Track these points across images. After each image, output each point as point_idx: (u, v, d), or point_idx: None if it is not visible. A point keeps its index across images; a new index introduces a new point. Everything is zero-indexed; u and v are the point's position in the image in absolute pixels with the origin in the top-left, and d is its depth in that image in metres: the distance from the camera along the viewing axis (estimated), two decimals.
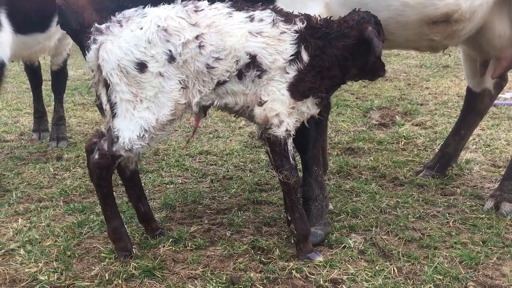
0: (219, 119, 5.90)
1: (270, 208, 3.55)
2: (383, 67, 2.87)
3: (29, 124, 5.77)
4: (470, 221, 3.26)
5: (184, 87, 2.60)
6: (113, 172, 2.77)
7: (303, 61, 2.63)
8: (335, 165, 4.30)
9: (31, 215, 3.45)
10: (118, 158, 2.69)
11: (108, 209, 2.80)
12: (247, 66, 2.60)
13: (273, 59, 2.59)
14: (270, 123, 2.66)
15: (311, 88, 2.68)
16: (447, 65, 8.51)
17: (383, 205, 3.48)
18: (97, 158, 2.67)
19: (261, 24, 2.59)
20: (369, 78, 2.96)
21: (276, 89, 2.62)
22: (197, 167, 4.39)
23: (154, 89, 2.56)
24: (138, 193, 3.06)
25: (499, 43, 3.31)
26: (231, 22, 2.57)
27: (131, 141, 2.61)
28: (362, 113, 5.96)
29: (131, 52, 2.54)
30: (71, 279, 2.66)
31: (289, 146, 2.70)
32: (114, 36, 2.57)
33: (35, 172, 4.32)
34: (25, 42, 4.48)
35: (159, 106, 2.58)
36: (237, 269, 2.73)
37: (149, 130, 2.60)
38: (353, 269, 2.68)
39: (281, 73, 2.62)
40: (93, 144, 2.73)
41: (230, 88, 2.65)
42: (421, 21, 2.99)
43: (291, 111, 2.67)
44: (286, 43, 2.60)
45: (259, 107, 2.66)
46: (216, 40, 2.55)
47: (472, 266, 2.73)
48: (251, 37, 2.57)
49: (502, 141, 4.77)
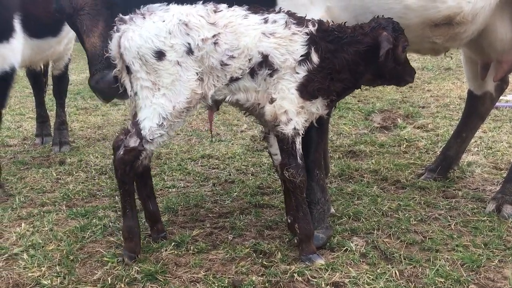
0: (221, 123, 5.92)
1: (272, 211, 3.56)
2: (410, 73, 2.92)
3: (32, 129, 5.80)
4: (472, 223, 3.26)
5: (200, 79, 2.72)
6: (136, 169, 2.83)
7: (313, 62, 2.73)
8: (337, 168, 4.31)
9: (34, 220, 3.46)
10: (142, 152, 2.77)
11: (127, 207, 2.84)
12: (259, 64, 2.71)
13: (284, 59, 2.70)
14: (279, 120, 2.75)
15: (320, 89, 2.76)
16: (449, 68, 8.52)
17: (384, 208, 3.48)
18: (121, 154, 2.77)
19: (274, 26, 2.72)
20: (394, 83, 3.02)
21: (286, 88, 2.72)
22: (199, 171, 4.40)
23: (171, 77, 2.68)
24: (148, 190, 3.10)
25: (500, 46, 3.32)
26: (246, 23, 2.71)
27: (151, 130, 2.72)
28: (364, 116, 5.97)
29: (151, 41, 2.66)
30: (74, 283, 2.67)
31: (297, 144, 2.77)
32: (137, 26, 2.71)
33: (38, 177, 4.34)
34: (39, 46, 4.51)
35: (176, 94, 2.70)
36: (239, 272, 2.73)
37: (167, 117, 2.71)
38: (354, 272, 2.69)
39: (291, 72, 2.72)
40: (119, 141, 2.82)
41: (242, 85, 2.77)
42: (423, 24, 3.00)
43: (300, 110, 2.75)
44: (297, 44, 2.71)
45: (269, 105, 2.76)
46: (231, 39, 2.68)
47: (473, 269, 2.73)
48: (264, 37, 2.70)
49: (504, 143, 4.77)
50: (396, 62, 2.81)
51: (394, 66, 2.83)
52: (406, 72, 2.90)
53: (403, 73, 2.90)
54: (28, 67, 5.31)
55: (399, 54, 2.79)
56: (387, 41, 2.70)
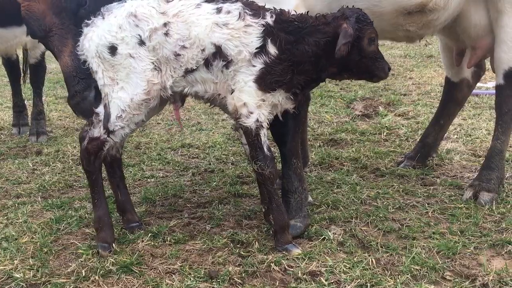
0: (202, 112, 5.87)
1: (251, 201, 3.54)
2: (382, 68, 2.74)
3: (9, 119, 5.69)
4: (449, 211, 3.28)
5: (158, 69, 2.70)
6: (102, 159, 2.85)
7: (270, 55, 2.66)
8: (317, 156, 4.30)
9: (8, 212, 3.40)
10: (105, 142, 2.79)
11: (96, 197, 2.86)
12: (213, 56, 2.67)
13: (238, 51, 2.65)
14: (240, 113, 2.71)
15: (279, 81, 2.69)
16: (431, 55, 8.54)
17: (363, 196, 3.49)
18: (86, 144, 2.80)
19: (227, 16, 2.66)
20: (365, 78, 2.89)
21: (243, 80, 2.68)
22: (178, 160, 4.36)
23: (126, 70, 2.70)
24: (118, 180, 3.09)
25: (474, 33, 3.32)
26: (198, 12, 2.66)
27: (111, 122, 2.73)
28: (345, 104, 5.97)
29: (104, 37, 2.70)
30: (47, 276, 2.63)
31: (262, 137, 2.73)
32: (97, 27, 2.75)
33: (14, 168, 4.26)
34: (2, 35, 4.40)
35: (133, 86, 2.71)
36: (215, 263, 2.72)
37: (126, 110, 2.72)
38: (331, 261, 2.68)
39: (247, 65, 2.67)
40: (84, 132, 2.84)
41: (199, 76, 2.74)
42: (396, 12, 2.98)
43: (261, 103, 2.70)
44: (252, 36, 2.65)
45: (230, 96, 2.73)
46: (182, 29, 2.65)
47: (449, 256, 2.74)
48: (216, 27, 2.64)
49: (483, 130, 4.80)
50: (362, 55, 2.68)
51: (360, 59, 2.69)
52: (378, 66, 2.73)
53: (374, 68, 2.73)
54: (2, 56, 5.21)
55: (365, 46, 2.67)
56: (344, 35, 2.58)
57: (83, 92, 2.91)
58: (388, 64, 2.79)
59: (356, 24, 2.65)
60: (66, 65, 2.94)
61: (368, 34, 2.68)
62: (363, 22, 2.68)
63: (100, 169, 2.86)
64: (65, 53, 2.94)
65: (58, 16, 2.93)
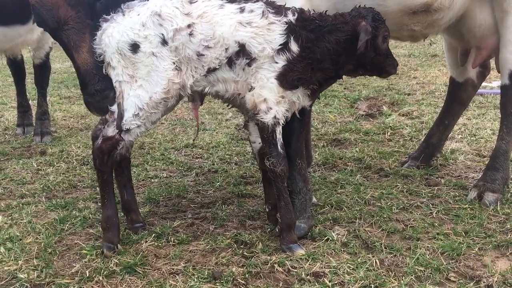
0: (206, 112, 5.86)
1: (254, 201, 3.54)
2: (392, 64, 2.89)
3: (14, 119, 5.70)
4: (453, 211, 3.26)
5: (178, 68, 2.72)
6: (115, 159, 2.83)
7: (293, 52, 2.72)
8: (321, 156, 4.29)
9: (13, 212, 3.41)
10: (120, 142, 2.78)
11: (105, 196, 2.86)
12: (236, 54, 2.71)
13: (262, 48, 2.70)
14: (258, 109, 2.74)
15: (300, 79, 2.75)
16: (436, 54, 8.51)
17: (367, 197, 3.48)
18: (100, 143, 2.79)
19: (251, 15, 2.70)
20: (376, 74, 2.99)
21: (265, 77, 2.72)
22: (182, 161, 4.36)
23: (147, 68, 2.71)
24: (125, 180, 3.08)
25: (479, 33, 3.30)
26: (222, 13, 2.70)
27: (127, 121, 2.73)
28: (349, 104, 5.95)
29: (126, 35, 2.71)
30: (51, 276, 2.63)
31: (277, 134, 2.77)
32: (117, 23, 2.75)
33: (18, 168, 4.27)
34: (5, 34, 4.39)
35: (153, 84, 2.72)
36: (219, 263, 2.72)
37: (143, 108, 2.73)
38: (335, 262, 2.68)
39: (269, 62, 2.71)
40: (98, 131, 2.84)
41: (220, 76, 2.77)
42: (401, 11, 2.98)
43: (280, 99, 2.75)
44: (275, 33, 2.70)
45: (249, 93, 2.75)
46: (206, 29, 2.68)
47: (453, 257, 2.73)
48: (240, 27, 2.68)
49: (488, 130, 4.78)
50: (377, 52, 2.80)
51: (375, 56, 2.81)
52: (388, 63, 2.88)
53: (385, 64, 2.87)
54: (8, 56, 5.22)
55: (380, 44, 2.78)
56: (365, 32, 2.68)
57: (104, 92, 2.86)
58: (396, 61, 2.93)
59: (373, 23, 2.73)
60: (85, 62, 2.88)
61: (382, 32, 2.78)
62: (378, 21, 2.78)
63: (112, 169, 2.86)
64: (83, 48, 2.88)
65: (74, 9, 2.86)
